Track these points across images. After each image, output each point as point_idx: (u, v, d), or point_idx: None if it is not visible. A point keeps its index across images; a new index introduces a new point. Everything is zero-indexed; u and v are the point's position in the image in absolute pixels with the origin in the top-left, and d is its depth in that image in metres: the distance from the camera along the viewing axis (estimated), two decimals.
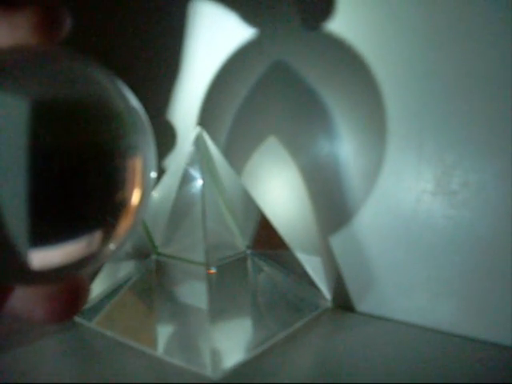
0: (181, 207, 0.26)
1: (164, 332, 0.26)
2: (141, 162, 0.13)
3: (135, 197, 0.13)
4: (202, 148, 0.26)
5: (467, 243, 0.25)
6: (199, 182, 0.25)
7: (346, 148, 0.28)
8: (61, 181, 0.12)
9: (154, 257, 0.27)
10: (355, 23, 0.27)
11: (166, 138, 0.34)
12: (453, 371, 0.23)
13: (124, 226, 0.13)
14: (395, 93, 0.26)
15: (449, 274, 0.26)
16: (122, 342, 0.25)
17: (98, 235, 0.13)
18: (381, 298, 0.28)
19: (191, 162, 0.25)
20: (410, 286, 0.27)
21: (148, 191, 0.14)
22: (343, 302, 0.29)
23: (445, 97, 0.25)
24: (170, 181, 0.26)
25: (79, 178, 0.12)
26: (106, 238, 0.13)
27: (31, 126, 0.11)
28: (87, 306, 0.28)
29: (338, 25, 0.27)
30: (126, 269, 0.28)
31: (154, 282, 0.27)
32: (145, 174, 0.13)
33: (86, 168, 0.12)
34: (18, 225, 0.12)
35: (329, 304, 0.30)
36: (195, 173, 0.25)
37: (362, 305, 0.29)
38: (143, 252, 0.27)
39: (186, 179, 0.26)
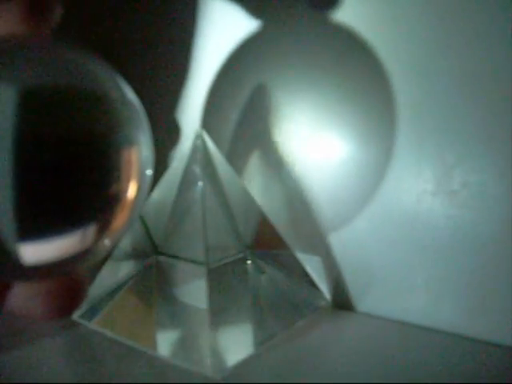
0: (181, 207, 0.26)
1: (164, 332, 0.26)
2: (136, 156, 0.13)
3: (131, 191, 0.13)
4: (202, 148, 0.26)
5: (467, 243, 0.25)
6: (199, 182, 0.25)
7: (345, 148, 0.28)
8: (52, 172, 0.11)
9: (153, 257, 0.27)
10: (357, 22, 0.27)
11: (169, 135, 0.34)
12: (453, 371, 0.23)
13: (119, 220, 0.13)
14: (395, 92, 0.26)
15: (449, 274, 0.26)
16: (122, 341, 0.25)
17: (92, 230, 0.12)
18: (381, 297, 0.28)
19: (191, 162, 0.25)
20: (410, 286, 0.27)
21: (144, 186, 0.13)
22: (343, 302, 0.29)
23: (445, 96, 0.25)
24: (170, 181, 0.26)
25: (72, 169, 0.12)
26: (101, 233, 0.13)
27: (20, 115, 0.11)
28: (87, 306, 0.28)
29: (342, 24, 0.27)
30: (126, 269, 0.28)
31: (154, 281, 0.27)
32: (141, 168, 0.13)
33: (79, 159, 0.12)
34: (8, 218, 0.11)
35: (329, 304, 0.30)
36: (195, 173, 0.25)
37: (362, 305, 0.29)
38: (143, 252, 0.27)
39: (186, 179, 0.26)
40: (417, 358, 0.24)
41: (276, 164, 0.31)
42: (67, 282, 0.14)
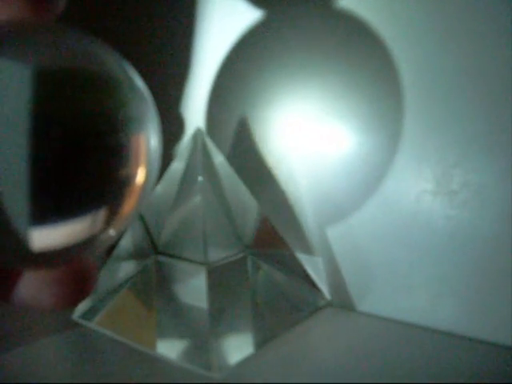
0: (181, 207, 0.26)
1: (164, 332, 0.26)
2: (145, 141, 0.13)
3: (139, 176, 0.13)
4: (202, 148, 0.26)
5: (467, 243, 0.25)
6: (199, 182, 0.25)
7: (345, 147, 0.28)
8: (61, 156, 0.11)
9: (153, 257, 0.27)
10: (355, 19, 0.27)
11: (174, 129, 0.34)
12: (453, 371, 0.23)
13: (128, 206, 0.13)
14: (395, 92, 0.26)
15: (449, 274, 0.26)
16: (122, 341, 0.25)
17: (101, 215, 0.12)
18: (381, 297, 0.28)
19: (190, 163, 0.25)
20: (410, 286, 0.27)
21: (152, 175, 0.13)
22: (343, 302, 0.29)
23: (445, 96, 0.25)
24: (170, 180, 0.26)
25: (81, 153, 0.11)
26: (110, 219, 0.12)
27: (30, 98, 0.11)
28: (87, 305, 0.28)
29: (341, 23, 0.27)
30: (126, 269, 0.28)
31: (154, 281, 0.27)
32: (149, 154, 0.13)
33: (88, 142, 0.12)
34: (17, 203, 0.11)
35: (329, 304, 0.30)
36: (195, 173, 0.25)
37: (362, 304, 0.29)
38: (143, 252, 0.27)
39: (185, 179, 0.26)
40: (416, 357, 0.24)
41: (276, 163, 0.31)
42: (76, 271, 0.14)
